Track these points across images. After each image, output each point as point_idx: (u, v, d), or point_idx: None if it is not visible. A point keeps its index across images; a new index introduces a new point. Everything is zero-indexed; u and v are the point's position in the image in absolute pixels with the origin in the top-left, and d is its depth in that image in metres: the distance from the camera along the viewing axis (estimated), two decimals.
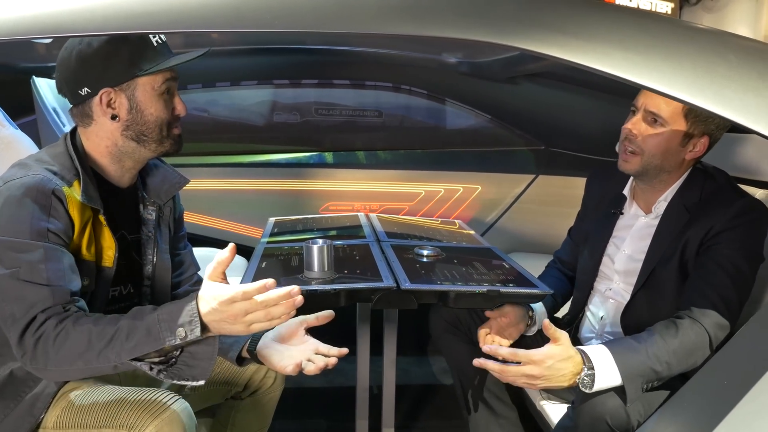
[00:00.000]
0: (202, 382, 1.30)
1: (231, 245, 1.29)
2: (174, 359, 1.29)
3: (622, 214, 1.84)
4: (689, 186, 1.70)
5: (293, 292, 1.26)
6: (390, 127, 3.70)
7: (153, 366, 1.28)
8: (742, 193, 1.67)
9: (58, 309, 1.30)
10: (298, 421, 1.65)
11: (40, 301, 1.29)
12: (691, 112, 1.61)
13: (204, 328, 1.26)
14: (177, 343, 1.25)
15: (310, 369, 1.42)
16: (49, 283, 1.30)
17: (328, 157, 3.62)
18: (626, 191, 1.83)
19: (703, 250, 1.61)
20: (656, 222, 1.73)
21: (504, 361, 1.51)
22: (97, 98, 1.43)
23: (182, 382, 1.30)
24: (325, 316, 1.49)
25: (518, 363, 1.49)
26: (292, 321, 1.51)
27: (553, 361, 1.46)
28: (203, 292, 1.27)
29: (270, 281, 1.25)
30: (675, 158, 1.68)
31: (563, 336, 1.48)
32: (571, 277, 2.01)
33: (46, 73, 2.77)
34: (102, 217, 1.44)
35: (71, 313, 1.30)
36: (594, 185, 1.99)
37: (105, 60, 1.40)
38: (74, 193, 1.39)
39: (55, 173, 1.38)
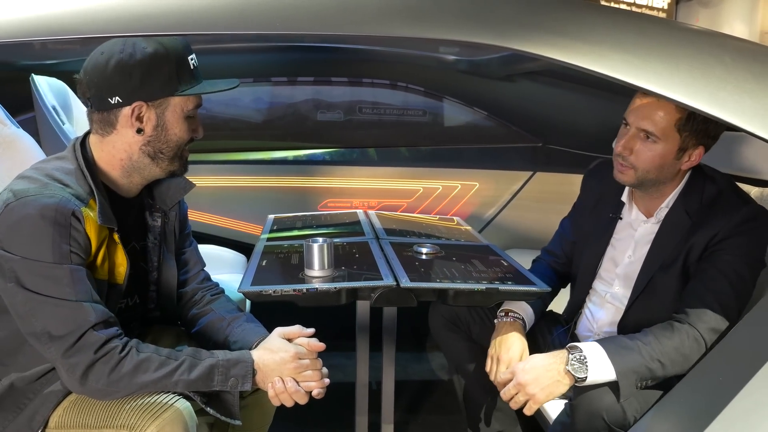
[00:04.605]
0: (238, 422, 1.44)
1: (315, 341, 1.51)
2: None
3: (620, 218, 1.80)
4: (689, 191, 1.68)
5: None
6: (426, 123, 3.72)
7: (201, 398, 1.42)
8: (746, 199, 1.65)
9: (113, 331, 1.36)
10: (299, 417, 1.66)
11: (82, 318, 1.32)
12: (685, 127, 1.57)
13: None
14: (226, 389, 1.42)
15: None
16: (80, 300, 1.33)
17: (326, 154, 3.63)
18: (624, 197, 1.79)
19: (705, 255, 1.59)
20: (657, 227, 1.71)
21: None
22: (127, 109, 1.41)
23: (223, 418, 1.43)
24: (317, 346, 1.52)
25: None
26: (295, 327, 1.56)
27: (536, 361, 1.53)
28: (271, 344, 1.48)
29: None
30: (670, 170, 1.65)
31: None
32: (561, 272, 1.98)
33: (45, 71, 2.77)
34: (116, 236, 1.45)
35: (130, 339, 1.38)
36: (592, 182, 1.92)
37: (146, 74, 1.39)
38: (90, 212, 1.38)
39: (71, 193, 1.37)
